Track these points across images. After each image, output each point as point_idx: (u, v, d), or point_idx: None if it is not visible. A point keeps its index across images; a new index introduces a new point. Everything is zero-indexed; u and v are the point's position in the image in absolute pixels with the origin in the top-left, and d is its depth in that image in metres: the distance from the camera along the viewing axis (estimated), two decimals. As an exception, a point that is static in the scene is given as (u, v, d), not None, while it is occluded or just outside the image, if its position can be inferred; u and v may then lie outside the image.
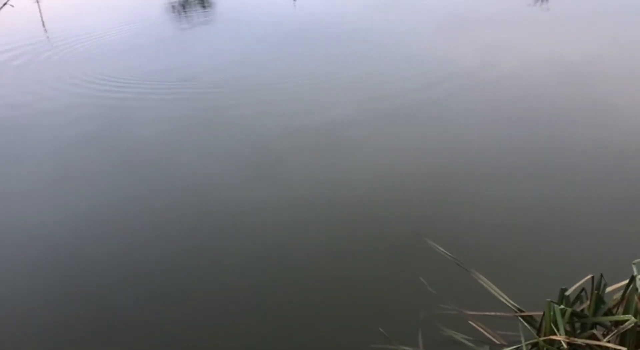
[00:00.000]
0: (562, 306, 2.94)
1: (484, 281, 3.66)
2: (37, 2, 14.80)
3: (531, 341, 3.03)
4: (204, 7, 13.13)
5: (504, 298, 3.51)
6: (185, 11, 12.75)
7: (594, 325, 3.05)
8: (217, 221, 4.74)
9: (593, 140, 5.60)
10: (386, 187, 5.02)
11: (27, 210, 5.11)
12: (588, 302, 3.09)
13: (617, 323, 2.92)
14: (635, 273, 2.96)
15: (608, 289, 3.11)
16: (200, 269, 4.18)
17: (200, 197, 5.10)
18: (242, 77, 8.09)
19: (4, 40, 11.39)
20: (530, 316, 3.34)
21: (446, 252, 4.07)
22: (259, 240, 4.45)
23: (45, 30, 12.12)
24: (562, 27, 9.64)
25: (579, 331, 3.08)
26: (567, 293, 3.04)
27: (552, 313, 2.96)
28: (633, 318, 2.83)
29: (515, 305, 3.44)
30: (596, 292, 3.01)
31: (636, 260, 3.05)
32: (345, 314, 3.64)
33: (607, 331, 2.99)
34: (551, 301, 2.96)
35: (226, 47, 9.68)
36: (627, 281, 2.96)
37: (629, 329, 2.85)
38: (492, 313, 3.44)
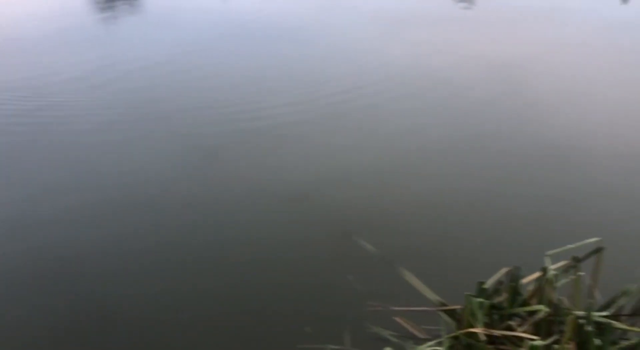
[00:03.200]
0: (480, 299, 3.01)
1: (410, 277, 3.71)
2: None
3: (452, 335, 3.09)
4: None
5: (428, 293, 3.57)
6: (111, 3, 12.04)
7: (511, 317, 3.15)
8: (154, 218, 4.62)
9: (516, 137, 5.80)
10: (315, 186, 5.01)
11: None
12: (506, 295, 3.19)
13: (532, 313, 3.03)
14: (547, 265, 3.08)
15: (524, 281, 3.21)
16: (129, 268, 4.05)
17: (135, 193, 4.95)
18: (173, 74, 7.85)
19: None
20: (454, 310, 3.41)
21: (374, 249, 4.11)
22: (188, 237, 4.36)
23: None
24: (489, 25, 9.94)
25: (498, 323, 3.17)
26: (485, 286, 3.12)
27: (471, 306, 3.03)
28: (545, 308, 2.94)
29: (440, 299, 3.50)
30: (512, 284, 3.11)
31: (549, 252, 3.18)
32: (271, 315, 3.61)
33: (522, 321, 3.09)
34: (470, 294, 3.03)
35: (156, 43, 9.34)
36: (540, 273, 3.08)
37: (541, 319, 2.96)
38: (416, 308, 3.49)
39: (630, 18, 10.23)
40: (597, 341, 2.77)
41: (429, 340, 3.26)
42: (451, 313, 3.38)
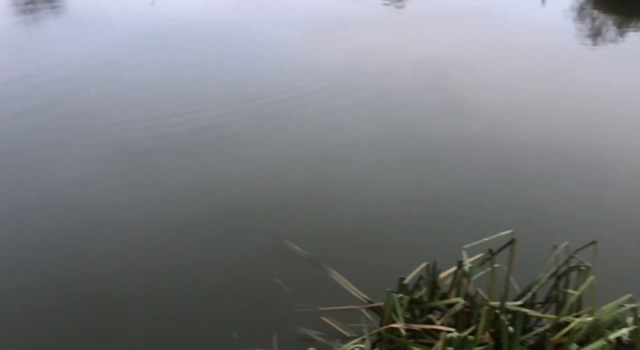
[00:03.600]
0: (400, 295, 3.08)
1: (337, 277, 3.76)
2: None
3: (374, 331, 3.15)
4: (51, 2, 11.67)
5: (355, 291, 3.63)
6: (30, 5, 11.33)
7: (431, 310, 3.24)
8: (85, 226, 4.49)
9: (435, 139, 5.93)
10: (247, 191, 4.99)
11: None
12: (426, 289, 3.27)
13: (450, 306, 3.12)
14: (464, 258, 3.19)
15: (443, 275, 3.31)
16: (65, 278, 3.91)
17: (57, 218, 4.74)
18: (97, 83, 7.57)
19: None
20: (379, 307, 3.48)
21: (303, 251, 4.13)
22: (120, 244, 4.26)
23: None
24: (417, 28, 10.17)
25: (419, 317, 3.25)
26: (405, 282, 3.19)
27: (392, 302, 3.09)
28: (462, 300, 3.04)
29: (366, 297, 3.56)
30: (431, 278, 3.20)
31: (466, 246, 3.29)
32: (198, 322, 3.56)
33: (442, 314, 3.18)
34: (391, 291, 3.09)
35: (81, 48, 8.95)
36: (457, 266, 3.18)
37: (459, 311, 3.06)
38: (342, 307, 3.54)
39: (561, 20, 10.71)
40: (510, 329, 2.89)
41: (356, 338, 3.31)
42: (376, 310, 3.45)
